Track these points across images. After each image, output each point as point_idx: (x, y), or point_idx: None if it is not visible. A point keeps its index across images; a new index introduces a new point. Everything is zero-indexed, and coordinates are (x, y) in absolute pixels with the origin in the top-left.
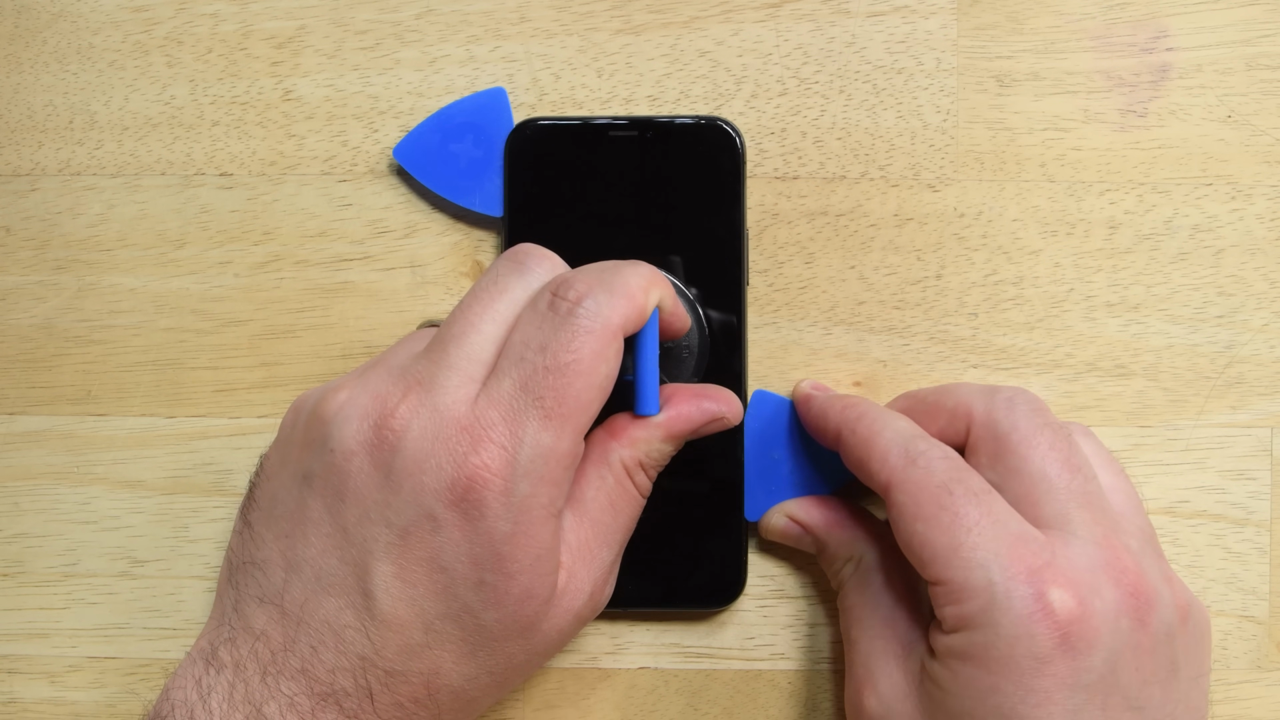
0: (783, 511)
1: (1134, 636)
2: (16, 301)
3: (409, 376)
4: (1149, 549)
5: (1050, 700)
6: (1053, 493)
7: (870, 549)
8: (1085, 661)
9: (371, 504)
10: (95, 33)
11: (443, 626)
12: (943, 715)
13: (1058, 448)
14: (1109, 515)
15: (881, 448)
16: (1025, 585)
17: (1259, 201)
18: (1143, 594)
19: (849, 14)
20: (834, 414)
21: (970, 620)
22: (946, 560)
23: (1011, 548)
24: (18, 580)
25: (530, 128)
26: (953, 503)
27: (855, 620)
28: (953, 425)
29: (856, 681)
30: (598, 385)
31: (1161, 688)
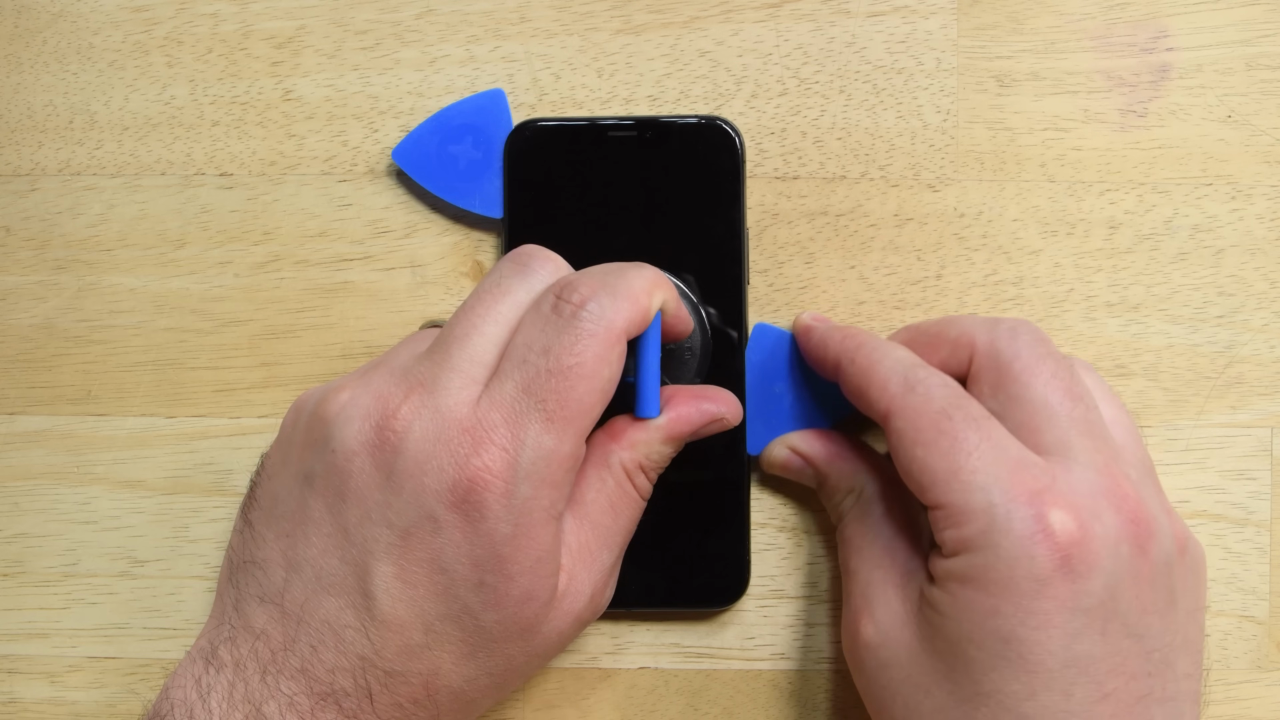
0: (784, 444)
1: (1134, 564)
2: (16, 301)
3: (411, 377)
4: (1148, 480)
5: (1050, 623)
6: (1054, 420)
7: (871, 481)
8: (1085, 585)
9: (373, 504)
10: (95, 33)
11: (443, 628)
12: (941, 641)
13: (1060, 376)
14: (1110, 444)
15: (881, 376)
16: (1026, 507)
17: (1259, 201)
18: (1143, 522)
19: (849, 14)
20: (834, 344)
21: (970, 543)
22: (946, 484)
23: (1012, 471)
24: (18, 580)
25: (529, 129)
26: (952, 427)
27: (854, 550)
28: (955, 355)
29: (854, 611)
30: (600, 389)
31: (1160, 617)
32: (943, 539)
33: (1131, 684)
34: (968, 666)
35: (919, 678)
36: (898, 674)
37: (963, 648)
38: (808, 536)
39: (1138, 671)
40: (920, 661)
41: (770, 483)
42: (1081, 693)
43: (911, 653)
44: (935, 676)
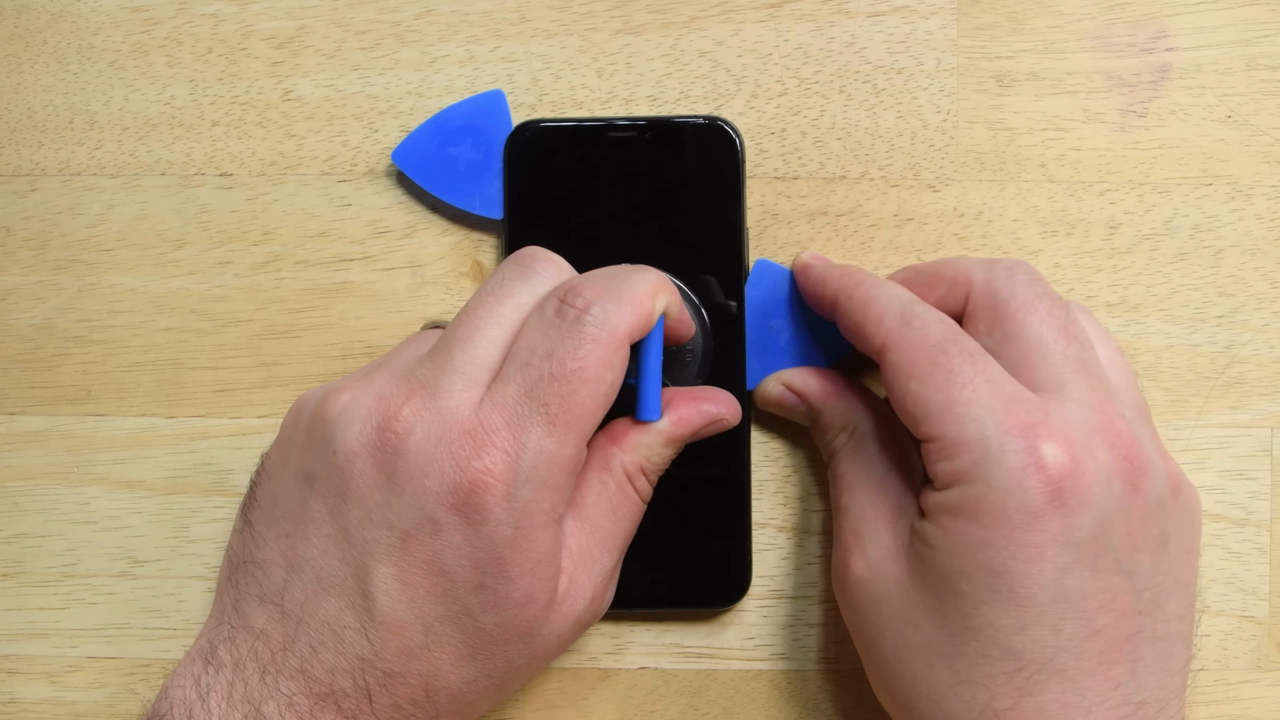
0: (779, 380)
1: (1126, 500)
2: (16, 301)
3: (413, 379)
4: (1143, 421)
5: (1041, 556)
6: (1048, 358)
7: (865, 418)
8: (1076, 519)
9: (373, 506)
10: (95, 33)
11: (442, 629)
12: (931, 575)
13: (1055, 314)
14: (1105, 383)
15: (877, 311)
16: (1018, 440)
17: (1259, 201)
18: (1136, 459)
19: (849, 14)
20: (831, 281)
21: (962, 475)
22: (940, 416)
23: (1005, 405)
24: (18, 580)
25: (529, 130)
26: (947, 361)
27: (846, 487)
28: (952, 294)
29: (844, 547)
30: (603, 393)
31: (1151, 556)
32: (935, 472)
33: (1121, 621)
34: (958, 600)
35: (908, 613)
36: (887, 609)
37: (953, 581)
38: (808, 537)
39: (1128, 609)
40: (910, 597)
41: (770, 483)
42: (1071, 628)
43: (901, 588)
44: (925, 611)
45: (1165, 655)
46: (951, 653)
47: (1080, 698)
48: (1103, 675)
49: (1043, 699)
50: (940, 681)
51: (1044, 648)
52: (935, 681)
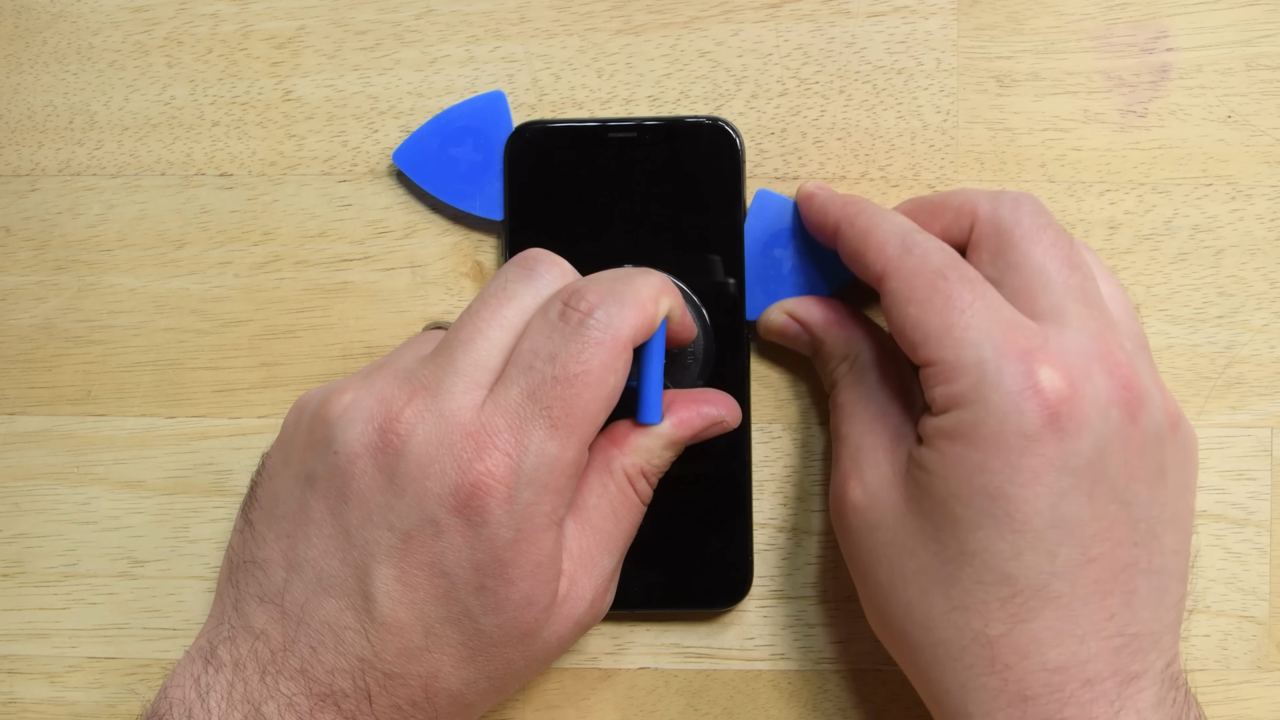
0: (781, 308)
1: (1124, 429)
2: (16, 302)
3: (415, 380)
4: (1142, 354)
5: (1038, 480)
6: (1050, 287)
7: (866, 348)
8: (1073, 445)
9: (374, 507)
10: (95, 33)
11: (442, 630)
12: (928, 500)
13: (1059, 245)
14: (1105, 314)
15: (879, 238)
16: (1016, 364)
17: (1259, 202)
18: (1134, 389)
19: (849, 14)
20: (834, 209)
21: (960, 398)
22: (939, 340)
23: (1004, 330)
24: (18, 580)
25: (530, 130)
26: (947, 286)
27: (846, 416)
28: (957, 223)
29: (842, 475)
30: (605, 396)
31: (1148, 488)
32: (933, 397)
33: (1117, 551)
34: (954, 525)
35: (904, 539)
36: (884, 536)
37: (949, 506)
38: (808, 537)
39: (1123, 539)
40: (906, 523)
41: (770, 483)
42: (1066, 554)
43: (898, 514)
44: (920, 537)
45: (1160, 589)
46: (946, 579)
47: (1074, 626)
48: (1097, 604)
49: (1036, 626)
50: (934, 608)
51: (1038, 574)
52: (929, 608)
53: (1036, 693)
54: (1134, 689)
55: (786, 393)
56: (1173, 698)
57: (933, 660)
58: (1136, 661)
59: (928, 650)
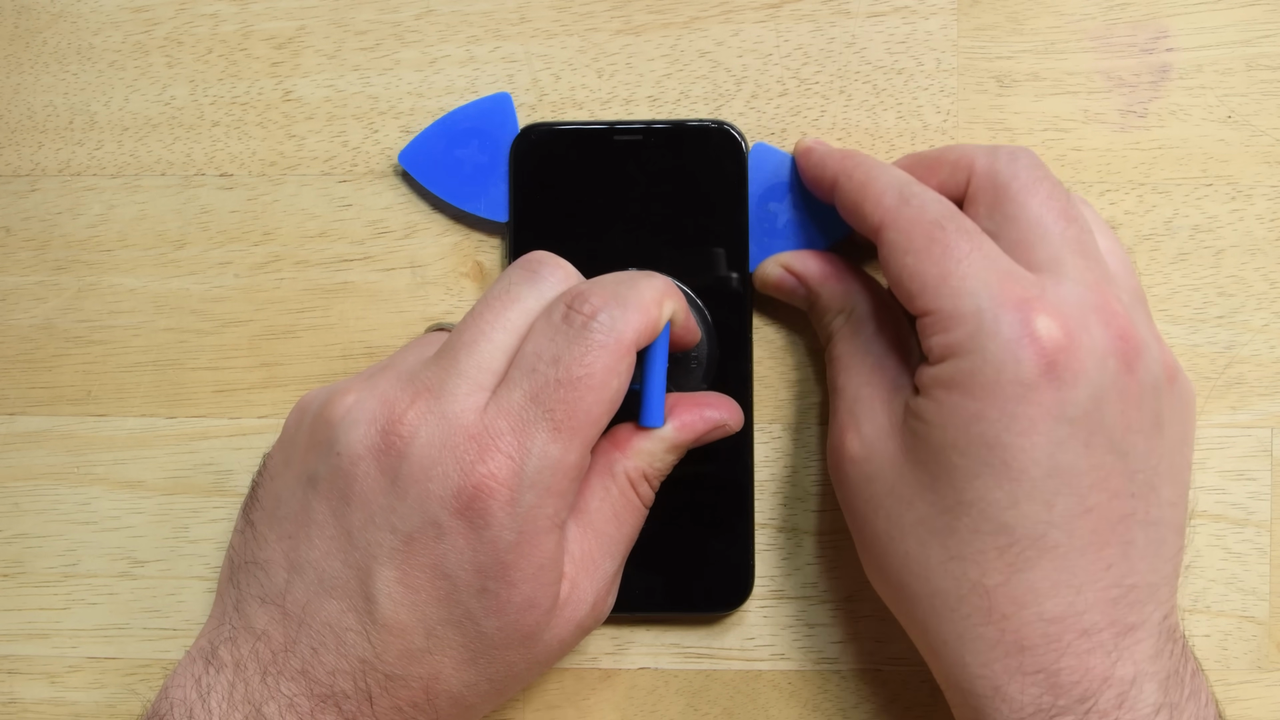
0: (778, 262)
1: (1121, 379)
2: (16, 302)
3: (418, 382)
4: (1139, 306)
5: (1034, 429)
6: (1047, 238)
7: (863, 301)
8: (1070, 394)
9: (376, 509)
10: (95, 33)
11: (444, 633)
12: (925, 450)
13: (1056, 198)
14: (1102, 266)
15: (876, 190)
16: (1013, 312)
17: (1259, 202)
18: (1130, 340)
19: (849, 14)
20: (832, 163)
21: (956, 348)
22: (935, 290)
23: (1000, 279)
24: (18, 580)
25: (535, 133)
26: (944, 236)
27: (843, 368)
28: (954, 178)
29: (840, 427)
30: (608, 400)
31: (1146, 439)
32: (929, 346)
33: (1114, 502)
34: (951, 475)
35: (901, 489)
36: (881, 487)
37: (946, 455)
38: (808, 537)
39: (1121, 490)
40: (903, 473)
41: (771, 483)
42: (1063, 504)
43: (895, 465)
44: (918, 488)
45: (1158, 540)
46: (943, 529)
47: (1070, 576)
48: (1094, 555)
49: (1032, 575)
50: (931, 558)
51: (1036, 523)
52: (926, 558)
53: (1033, 643)
54: (1131, 640)
55: (786, 393)
56: (1169, 650)
57: (930, 611)
58: (1134, 613)
59: (925, 601)
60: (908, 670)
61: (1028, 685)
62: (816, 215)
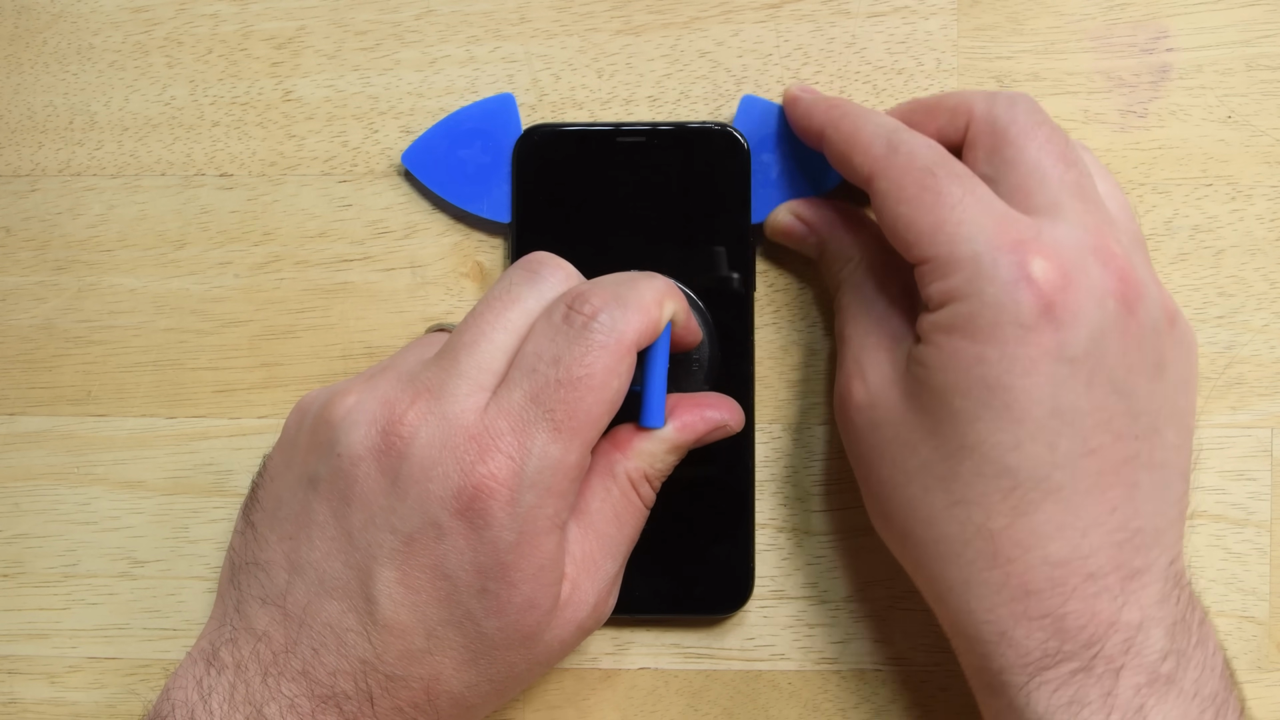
0: (789, 209)
1: (1120, 320)
2: (17, 302)
3: (418, 383)
4: (1139, 250)
5: (1035, 369)
6: (1045, 183)
7: (870, 250)
8: (1070, 334)
9: (377, 509)
10: (95, 33)
11: (444, 633)
12: (927, 395)
13: (1054, 141)
14: (1102, 209)
15: (865, 139)
16: (1010, 255)
17: (1259, 202)
18: (1129, 281)
19: (849, 14)
20: (819, 113)
21: (955, 292)
22: (931, 237)
23: (996, 223)
24: (18, 581)
25: (538, 134)
26: (936, 183)
27: (850, 318)
28: (952, 123)
29: (846, 375)
30: (609, 400)
31: (1148, 381)
32: (929, 294)
33: (1118, 444)
34: (953, 418)
35: (905, 435)
36: (886, 433)
37: (948, 399)
38: (808, 537)
39: (1124, 432)
40: (907, 419)
41: (771, 483)
42: (1066, 445)
43: (899, 411)
44: (921, 433)
45: (1163, 484)
46: (947, 473)
47: (1075, 518)
48: (1099, 497)
49: (1037, 518)
50: (936, 503)
51: (1039, 465)
52: (931, 503)
53: (1039, 587)
54: (1137, 585)
55: (786, 393)
56: (1176, 595)
57: (935, 556)
58: (1139, 557)
59: (930, 546)
60: (908, 670)
61: (1034, 630)
62: (807, 164)
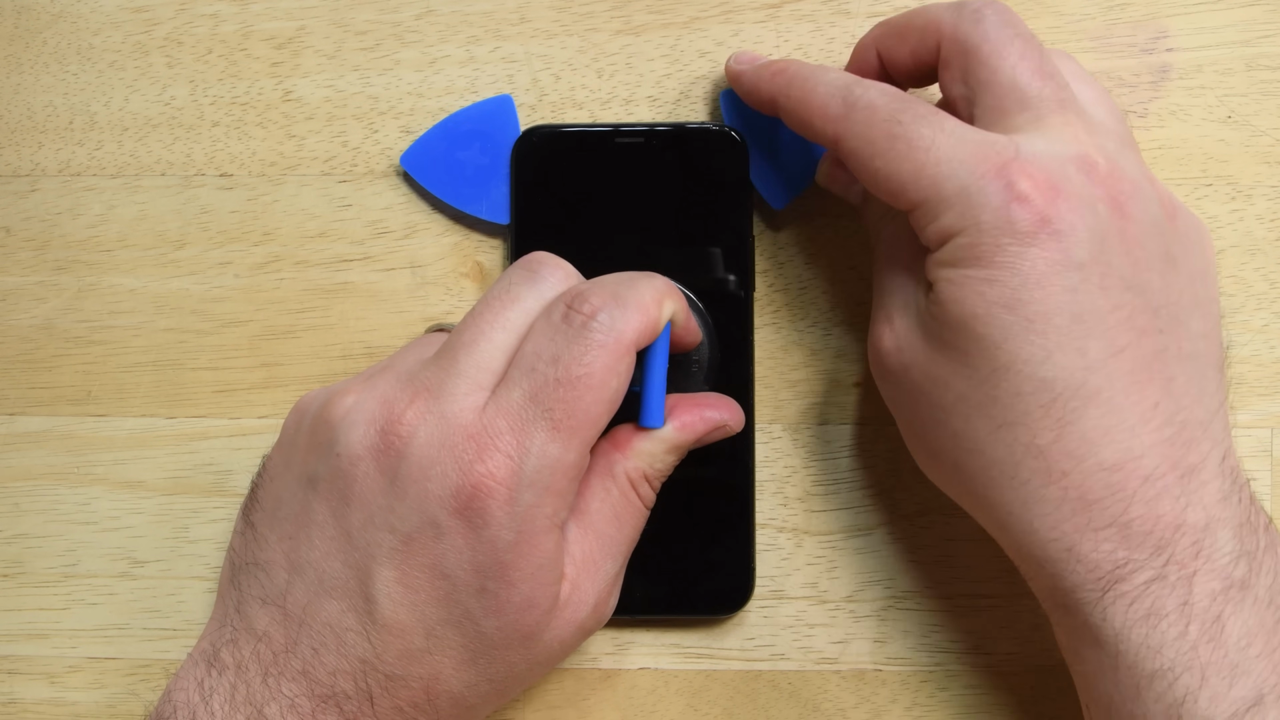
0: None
1: (1116, 222)
2: (17, 302)
3: (417, 382)
4: (1127, 151)
5: (1047, 280)
6: (1024, 101)
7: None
8: (1070, 240)
9: (376, 509)
10: (95, 33)
11: (443, 633)
12: (950, 330)
13: (1028, 57)
14: (1084, 118)
15: (819, 104)
16: (995, 179)
17: (1259, 202)
18: (1115, 182)
19: (849, 14)
20: (765, 84)
21: (951, 228)
22: (915, 183)
23: (973, 152)
24: (18, 581)
25: (536, 135)
26: (904, 131)
27: (882, 266)
28: (924, 44)
29: (876, 322)
30: (608, 399)
31: (1160, 275)
32: (927, 235)
33: (1144, 339)
34: (979, 345)
35: (935, 372)
36: (917, 374)
37: (970, 327)
38: (808, 537)
39: (1147, 326)
40: (933, 357)
41: (770, 483)
42: (1095, 348)
43: (927, 350)
44: (951, 367)
45: (1198, 374)
46: (985, 399)
47: (1119, 419)
48: (1138, 395)
49: (1083, 426)
50: (979, 431)
51: (1073, 372)
52: (975, 432)
53: (1098, 495)
54: (1196, 483)
55: (786, 393)
56: (1238, 496)
57: (989, 483)
58: (1192, 452)
59: (982, 474)
60: (908, 670)
61: (1100, 541)
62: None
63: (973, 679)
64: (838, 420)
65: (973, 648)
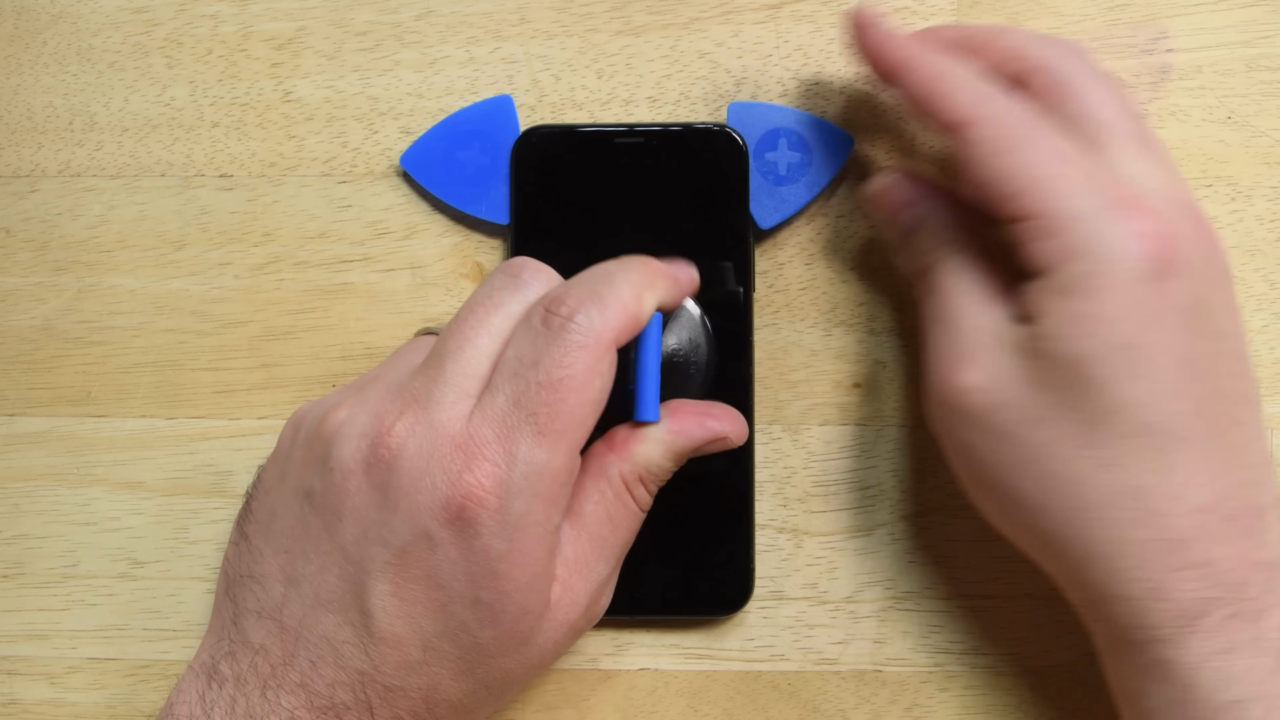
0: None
1: (1209, 267)
2: (16, 303)
3: (406, 393)
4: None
5: (1161, 323)
6: (1116, 136)
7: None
8: (1178, 285)
9: (369, 523)
10: (95, 34)
11: (440, 644)
12: (1054, 367)
13: (1116, 93)
14: (1164, 156)
15: (959, 83)
16: (1116, 211)
17: (1259, 203)
18: (1206, 226)
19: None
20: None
21: (1066, 252)
22: (1033, 192)
23: (1091, 179)
24: (17, 581)
25: (536, 135)
26: (1038, 136)
27: (950, 299)
28: (1005, 66)
29: (950, 360)
30: (591, 400)
31: (1230, 320)
32: (1033, 253)
33: (1228, 384)
34: (1088, 385)
35: (1031, 411)
36: (1011, 413)
37: (1079, 367)
38: (808, 538)
39: (1231, 372)
40: (1029, 395)
41: (770, 483)
42: (1194, 393)
43: (1023, 388)
44: (1050, 406)
45: (1256, 420)
46: (1088, 441)
47: (1209, 463)
48: (1224, 440)
49: (1179, 470)
50: (1077, 472)
51: (1174, 416)
52: (1070, 474)
53: (1189, 535)
54: (1264, 523)
55: (785, 394)
56: None
57: (1076, 523)
58: (1260, 494)
59: (1070, 515)
60: (908, 671)
61: (1185, 581)
62: (815, 147)
63: (973, 679)
64: (838, 421)
65: (973, 648)
